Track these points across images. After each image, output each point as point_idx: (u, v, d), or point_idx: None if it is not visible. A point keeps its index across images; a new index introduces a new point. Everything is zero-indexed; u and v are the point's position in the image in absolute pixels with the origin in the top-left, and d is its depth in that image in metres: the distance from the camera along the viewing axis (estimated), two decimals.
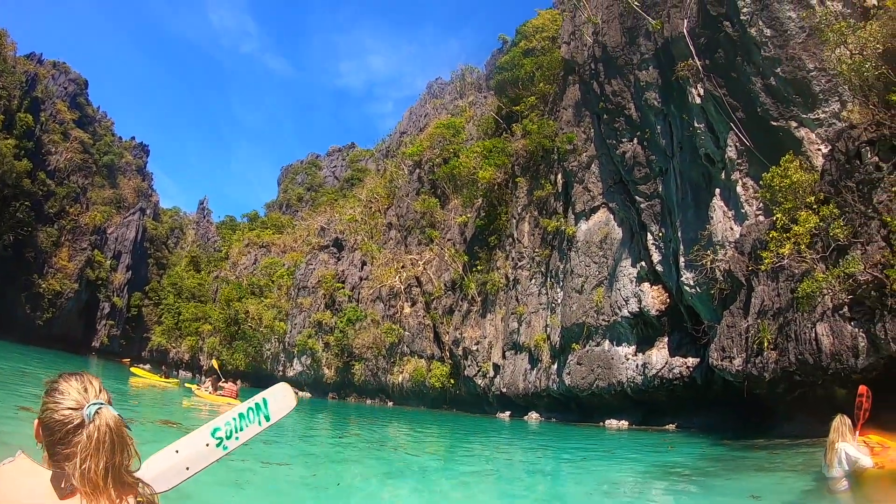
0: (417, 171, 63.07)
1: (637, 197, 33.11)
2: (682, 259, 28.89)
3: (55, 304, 75.43)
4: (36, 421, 1.55)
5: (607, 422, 33.23)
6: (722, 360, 21.84)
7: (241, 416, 2.29)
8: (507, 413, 41.90)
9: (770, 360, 19.64)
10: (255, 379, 63.36)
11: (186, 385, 35.01)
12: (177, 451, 2.15)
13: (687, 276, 28.39)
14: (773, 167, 22.02)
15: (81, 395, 1.55)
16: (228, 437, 2.25)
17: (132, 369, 35.12)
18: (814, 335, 18.50)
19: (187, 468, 2.13)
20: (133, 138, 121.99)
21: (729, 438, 20.94)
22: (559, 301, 39.37)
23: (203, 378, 29.21)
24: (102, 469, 1.43)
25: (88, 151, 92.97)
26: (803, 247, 19.18)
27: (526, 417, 39.18)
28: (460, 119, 68.06)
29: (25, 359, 30.48)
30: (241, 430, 2.26)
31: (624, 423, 32.55)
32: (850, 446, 8.09)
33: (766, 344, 19.74)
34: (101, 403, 1.55)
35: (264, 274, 75.40)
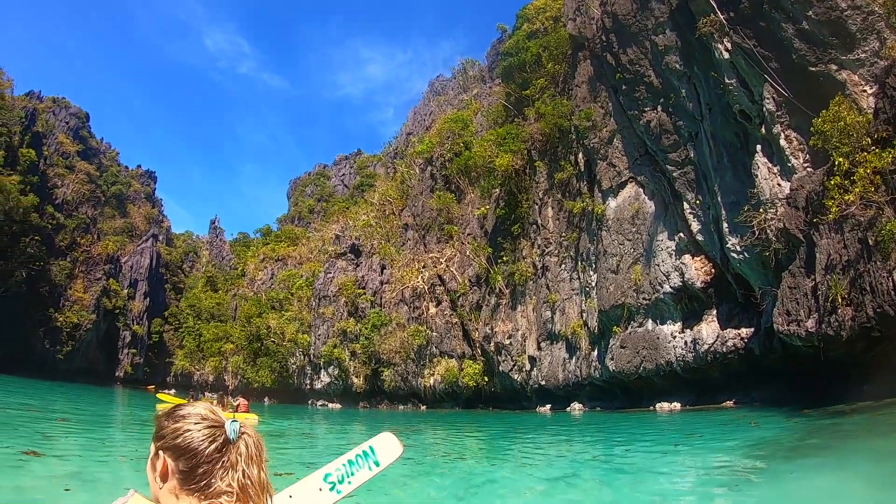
0: (429, 168, 61.77)
1: (667, 166, 31.56)
2: (725, 225, 27.32)
3: (74, 337, 74.70)
4: (154, 458, 1.47)
5: (658, 405, 31.63)
6: (789, 325, 20.23)
7: (350, 462, 2.36)
8: (548, 406, 40.36)
9: (845, 317, 18.03)
10: (283, 394, 62.31)
11: (159, 395, 34.09)
12: (290, 497, 2.18)
13: (732, 242, 26.80)
14: (823, 112, 20.47)
15: (214, 415, 1.51)
16: (341, 482, 2.31)
17: (159, 395, 34.16)
18: (892, 284, 16.96)
19: None
20: (139, 166, 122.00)
21: (807, 408, 19.28)
22: (594, 284, 37.84)
23: (217, 396, 28.36)
24: (258, 479, 1.43)
25: (95, 182, 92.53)
26: (872, 190, 17.60)
27: (568, 409, 37.62)
28: (467, 112, 66.65)
29: (42, 393, 29.86)
30: (353, 475, 2.33)
31: (676, 405, 30.93)
32: None
33: (839, 301, 18.13)
34: (240, 423, 1.49)
35: (283, 287, 74.24)
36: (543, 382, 41.05)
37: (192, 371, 79.31)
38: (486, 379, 47.10)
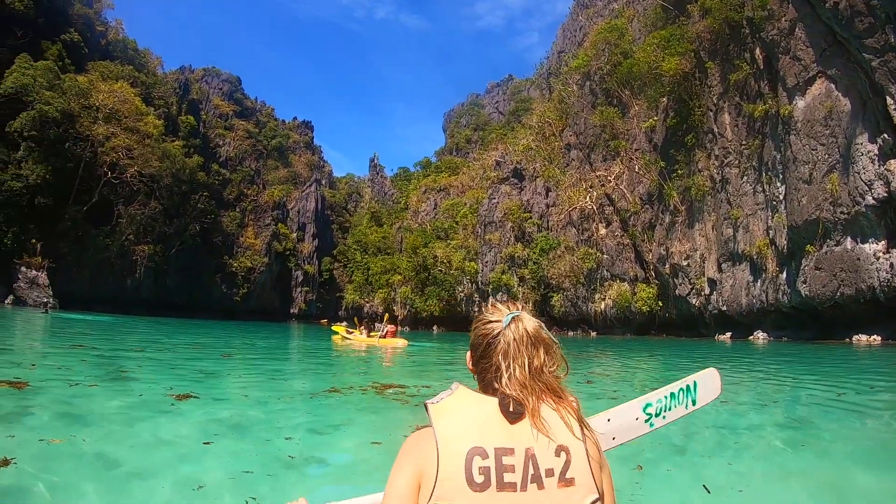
0: (587, 83, 57.92)
1: (863, 55, 26.08)
2: None
3: (249, 280, 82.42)
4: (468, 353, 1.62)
5: (855, 338, 27.71)
6: None
7: (671, 395, 2.25)
8: (728, 334, 37.44)
9: None
10: (451, 322, 64.91)
11: (334, 327, 36.00)
12: (608, 420, 2.16)
13: None
14: None
15: (501, 311, 1.55)
16: (657, 415, 2.23)
17: (333, 327, 36.49)
18: None
19: (613, 438, 2.15)
20: (295, 118, 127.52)
21: None
22: (781, 197, 33.55)
23: (382, 326, 29.90)
24: (525, 368, 1.44)
25: (255, 138, 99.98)
26: None
27: (751, 338, 34.47)
28: (621, 20, 60.56)
29: (216, 331, 33.14)
30: (669, 409, 2.24)
31: (876, 339, 26.90)
32: None
33: None
34: (519, 313, 1.53)
35: (447, 216, 75.39)
36: (724, 308, 38.14)
37: (361, 303, 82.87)
38: (660, 304, 44.96)
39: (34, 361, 11.27)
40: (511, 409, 1.39)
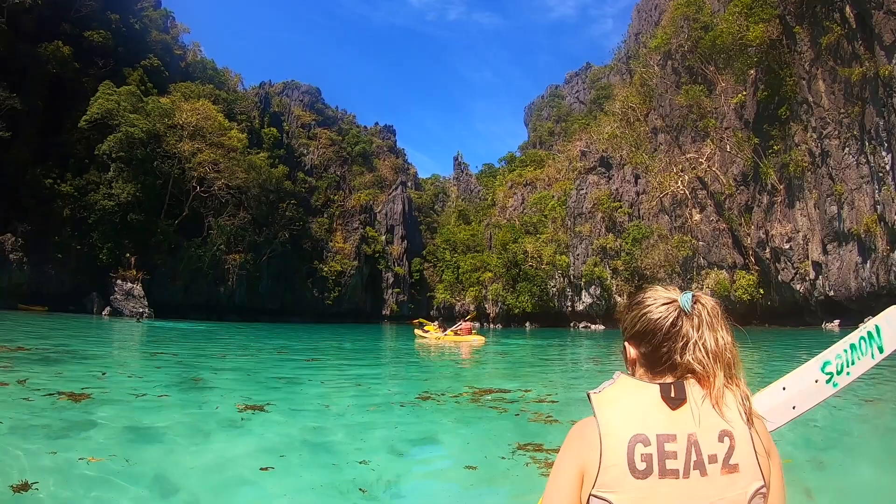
0: (669, 63, 54.93)
1: None
2: None
3: (340, 283, 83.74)
4: (623, 352, 1.56)
5: None
6: None
7: (852, 347, 2.02)
8: (836, 322, 34.09)
9: None
10: (544, 318, 63.77)
11: (414, 322, 35.88)
12: (783, 388, 2.03)
13: None
14: None
15: (667, 292, 1.49)
16: (839, 373, 2.01)
17: (418, 320, 36.59)
18: None
19: (794, 407, 2.01)
20: (376, 123, 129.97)
21: None
22: (888, 167, 30.37)
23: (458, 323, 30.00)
24: (711, 347, 1.39)
25: (339, 145, 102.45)
26: None
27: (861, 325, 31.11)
28: None
29: (305, 334, 32.90)
30: (853, 363, 2.01)
31: None
32: None
33: None
34: (694, 292, 1.47)
35: (535, 210, 74.17)
36: (831, 293, 34.94)
37: (453, 302, 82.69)
38: (761, 291, 41.89)
39: (108, 370, 11.04)
40: (673, 395, 1.39)
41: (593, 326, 56.77)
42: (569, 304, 62.36)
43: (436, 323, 32.84)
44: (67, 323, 29.99)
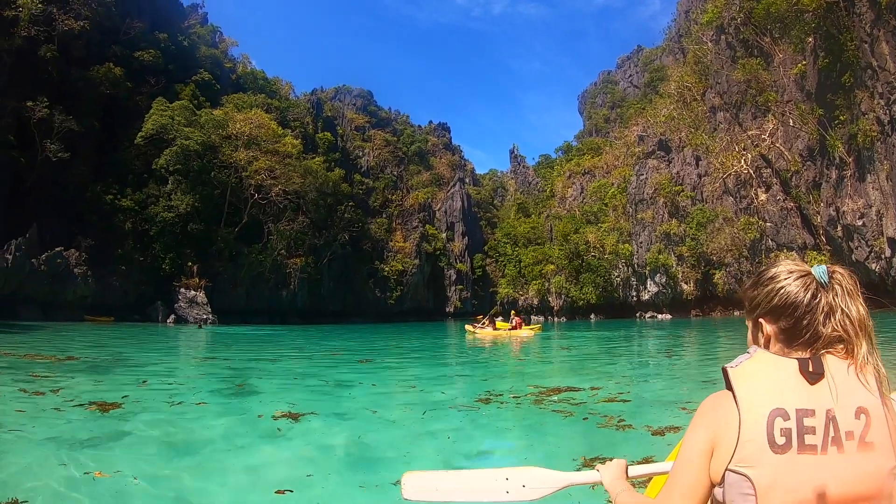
0: (723, 37, 52.48)
1: None
2: None
3: (401, 282, 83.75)
4: (754, 331, 1.55)
5: None
6: None
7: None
8: None
9: None
10: (608, 310, 62.26)
11: (478, 317, 35.58)
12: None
13: None
14: None
15: (798, 265, 1.49)
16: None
17: (475, 318, 36.62)
18: None
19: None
20: (430, 122, 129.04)
21: None
22: None
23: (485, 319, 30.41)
24: (855, 316, 1.38)
25: (394, 146, 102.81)
26: None
27: None
28: None
29: (365, 335, 31.87)
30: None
31: None
32: None
33: None
34: (828, 264, 1.49)
35: (595, 199, 72.85)
36: None
37: (516, 297, 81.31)
38: None
39: (151, 378, 10.78)
40: (811, 370, 1.38)
41: (660, 316, 55.23)
42: (634, 293, 60.94)
43: (486, 318, 33.20)
44: (130, 332, 30.76)
